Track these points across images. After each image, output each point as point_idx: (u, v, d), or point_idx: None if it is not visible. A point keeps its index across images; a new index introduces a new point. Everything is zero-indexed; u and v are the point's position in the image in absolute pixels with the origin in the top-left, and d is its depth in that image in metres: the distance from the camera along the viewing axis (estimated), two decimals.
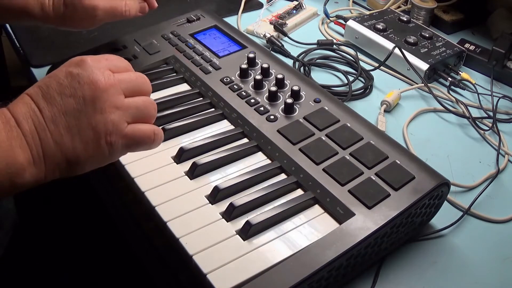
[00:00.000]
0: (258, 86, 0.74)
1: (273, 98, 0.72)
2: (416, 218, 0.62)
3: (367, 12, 1.10)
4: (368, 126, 0.68)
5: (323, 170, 0.62)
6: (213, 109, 0.74)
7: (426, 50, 0.94)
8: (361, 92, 0.88)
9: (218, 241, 0.56)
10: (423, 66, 0.89)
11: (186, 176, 0.63)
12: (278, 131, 0.67)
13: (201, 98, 0.75)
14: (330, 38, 1.02)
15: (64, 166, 0.48)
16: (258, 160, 0.66)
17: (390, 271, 0.61)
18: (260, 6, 1.12)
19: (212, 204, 0.60)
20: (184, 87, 0.78)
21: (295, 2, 1.11)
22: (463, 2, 1.09)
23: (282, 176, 0.64)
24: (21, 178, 0.46)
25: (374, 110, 0.85)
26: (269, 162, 0.66)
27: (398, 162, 0.63)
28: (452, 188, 0.68)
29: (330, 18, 1.07)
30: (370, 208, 0.58)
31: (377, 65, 0.94)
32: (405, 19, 1.03)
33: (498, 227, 0.68)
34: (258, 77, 0.74)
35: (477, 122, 0.83)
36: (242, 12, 1.08)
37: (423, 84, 0.88)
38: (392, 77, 0.94)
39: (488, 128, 0.82)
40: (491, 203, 0.70)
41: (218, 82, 0.76)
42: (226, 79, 0.76)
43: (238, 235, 0.56)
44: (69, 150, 0.48)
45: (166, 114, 0.71)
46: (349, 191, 0.60)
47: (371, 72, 0.93)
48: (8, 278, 0.81)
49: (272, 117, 0.70)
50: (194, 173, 0.63)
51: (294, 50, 0.97)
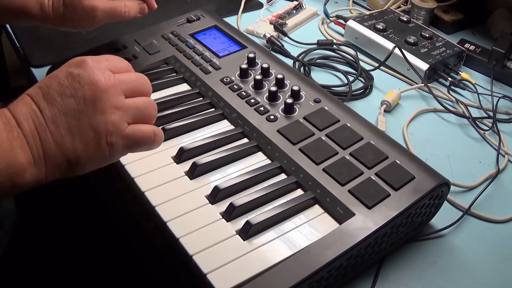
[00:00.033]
0: (258, 86, 0.74)
1: (273, 98, 0.72)
2: (416, 218, 0.62)
3: (367, 12, 1.10)
4: (368, 126, 0.68)
5: (323, 170, 0.62)
6: (213, 109, 0.74)
7: (426, 50, 0.94)
8: (361, 92, 0.88)
9: (218, 241, 0.56)
10: (423, 66, 0.89)
11: (186, 176, 0.63)
12: (278, 131, 0.68)
13: (201, 98, 0.75)
14: (330, 38, 1.02)
15: (64, 166, 0.48)
16: (258, 160, 0.66)
17: (390, 271, 0.61)
18: (260, 6, 1.12)
19: (212, 204, 0.60)
20: (184, 87, 0.78)
21: (295, 2, 1.11)
22: (463, 2, 1.09)
23: (282, 176, 0.64)
24: (21, 178, 0.46)
25: (374, 110, 0.85)
26: (269, 162, 0.66)
27: (398, 162, 0.63)
28: (452, 188, 0.68)
29: (330, 18, 1.07)
30: (370, 208, 0.58)
31: (377, 65, 0.94)
32: (405, 19, 1.03)
33: (498, 227, 0.68)
34: (258, 77, 0.74)
35: (477, 122, 0.83)
36: (242, 12, 1.08)
37: (423, 84, 0.88)
38: (392, 77, 0.94)
39: (488, 128, 0.82)
40: (491, 203, 0.70)
41: (218, 82, 0.76)
42: (226, 79, 0.76)
43: (238, 235, 0.56)
44: (69, 150, 0.48)
45: (166, 114, 0.71)
46: (349, 191, 0.60)
47: (371, 72, 0.93)
48: (8, 278, 0.81)
49: (272, 117, 0.70)
50: (194, 173, 0.63)
51: (294, 50, 0.97)
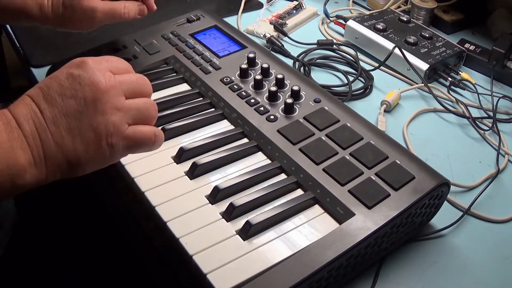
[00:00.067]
0: (258, 86, 0.74)
1: (273, 98, 0.72)
2: (416, 218, 0.62)
3: (367, 12, 1.10)
4: (368, 126, 0.68)
5: (323, 170, 0.62)
6: (213, 109, 0.74)
7: (426, 50, 0.94)
8: (361, 92, 0.88)
9: (218, 241, 0.56)
10: (423, 66, 0.89)
11: (186, 176, 0.63)
12: (278, 131, 0.68)
13: (201, 98, 0.75)
14: (330, 38, 1.02)
15: (65, 167, 0.48)
16: (258, 160, 0.66)
17: (390, 271, 0.61)
18: (260, 6, 1.12)
19: (212, 204, 0.60)
20: (184, 87, 0.78)
21: (295, 2, 1.11)
22: (463, 2, 1.09)
23: (282, 176, 0.64)
24: (22, 179, 0.46)
25: (374, 110, 0.85)
26: (269, 162, 0.66)
27: (398, 162, 0.63)
28: (452, 188, 0.68)
29: (330, 18, 1.07)
30: (370, 208, 0.58)
31: (377, 65, 0.94)
32: (405, 19, 1.03)
33: (498, 227, 0.68)
34: (258, 77, 0.74)
35: (477, 122, 0.83)
36: (242, 12, 1.08)
37: (423, 84, 0.88)
38: (392, 77, 0.94)
39: (488, 128, 0.82)
40: (491, 203, 0.71)
41: (218, 82, 0.76)
42: (226, 79, 0.76)
43: (238, 235, 0.57)
44: (70, 151, 0.48)
45: (166, 114, 0.71)
46: (349, 191, 0.60)
47: (371, 72, 0.93)
48: (8, 278, 0.82)
49: (272, 117, 0.70)
50: (194, 173, 0.63)
51: (294, 50, 0.97)
